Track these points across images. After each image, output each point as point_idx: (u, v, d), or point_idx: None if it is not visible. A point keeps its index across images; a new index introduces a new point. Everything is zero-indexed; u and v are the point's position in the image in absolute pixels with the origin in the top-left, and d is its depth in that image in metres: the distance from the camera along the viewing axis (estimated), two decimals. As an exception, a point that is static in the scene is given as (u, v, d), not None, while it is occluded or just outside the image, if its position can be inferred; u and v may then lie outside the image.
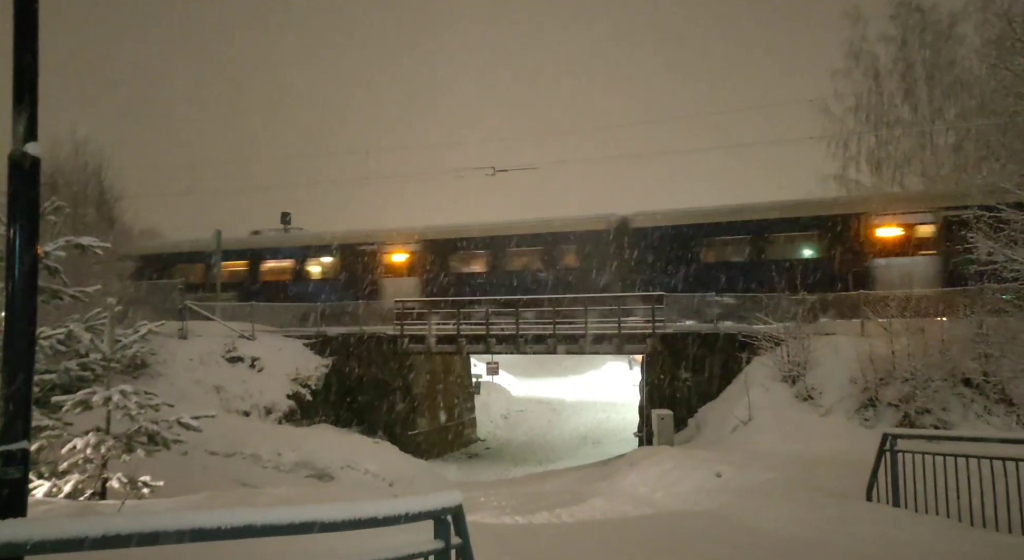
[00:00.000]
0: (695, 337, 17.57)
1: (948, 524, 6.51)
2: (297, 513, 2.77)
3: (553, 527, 7.59)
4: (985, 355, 13.48)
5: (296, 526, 2.73)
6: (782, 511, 7.49)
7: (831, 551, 5.90)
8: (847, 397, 14.53)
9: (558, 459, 19.72)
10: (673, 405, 16.80)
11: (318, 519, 2.81)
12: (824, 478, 9.85)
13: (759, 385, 15.24)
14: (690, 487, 9.11)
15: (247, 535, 2.58)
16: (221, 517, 2.52)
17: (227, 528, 2.51)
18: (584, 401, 31.20)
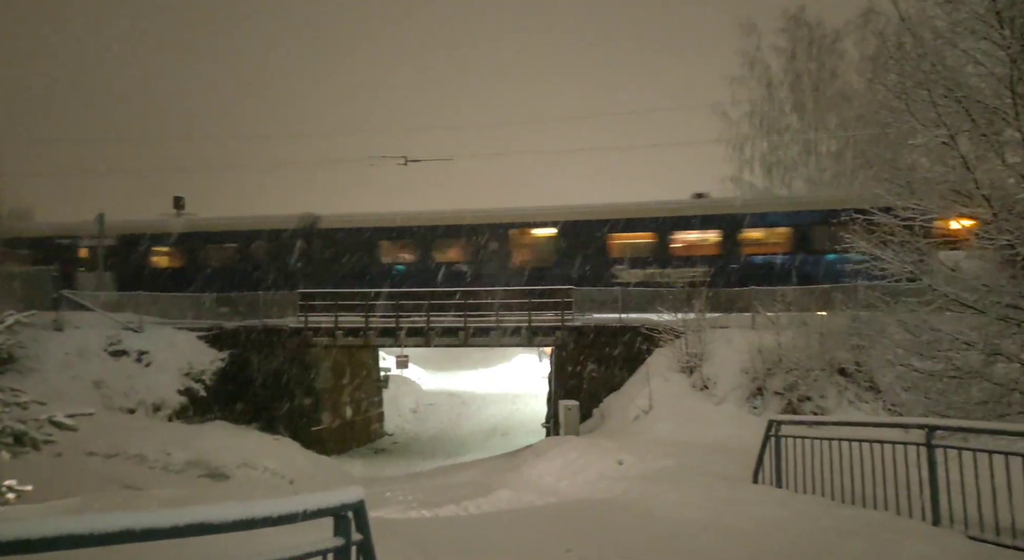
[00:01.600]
0: (602, 329, 18.10)
1: (823, 502, 7.07)
2: (183, 515, 2.59)
3: (460, 519, 7.64)
4: (858, 346, 14.67)
5: (181, 529, 2.54)
6: (677, 496, 7.88)
7: (719, 532, 6.28)
8: (739, 386, 15.43)
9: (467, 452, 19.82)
10: (580, 396, 17.25)
11: (207, 520, 2.64)
12: (716, 463, 10.43)
13: (659, 376, 15.91)
14: (594, 475, 9.41)
15: (125, 540, 2.38)
16: (93, 522, 2.31)
17: (101, 534, 2.30)
18: (494, 393, 31.46)
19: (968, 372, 8.88)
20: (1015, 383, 8.52)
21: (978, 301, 8.69)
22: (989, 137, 8.49)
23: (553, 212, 20.74)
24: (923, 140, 8.78)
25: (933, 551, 5.18)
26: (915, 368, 9.49)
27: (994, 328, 8.69)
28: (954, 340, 8.94)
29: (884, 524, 6.05)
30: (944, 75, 8.37)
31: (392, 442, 23.22)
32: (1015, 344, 8.64)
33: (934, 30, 8.68)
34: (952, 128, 8.53)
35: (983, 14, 8.17)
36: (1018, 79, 7.99)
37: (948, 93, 8.40)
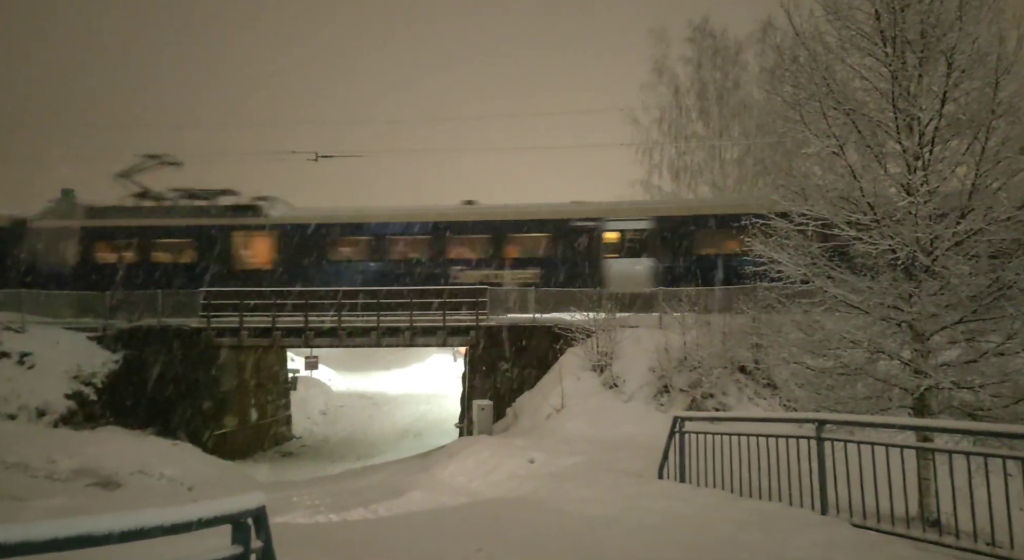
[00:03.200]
0: (516, 329, 18.20)
1: (723, 495, 7.36)
2: (65, 527, 2.37)
3: (369, 522, 7.45)
4: (757, 346, 15.45)
5: (62, 542, 2.34)
6: (586, 492, 8.01)
7: (625, 527, 6.40)
8: (647, 384, 15.91)
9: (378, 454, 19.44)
10: (494, 395, 17.28)
11: (92, 532, 2.44)
12: (625, 459, 10.70)
13: (572, 374, 16.18)
14: (505, 474, 9.42)
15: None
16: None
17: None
18: (408, 394, 31.06)
19: (854, 369, 9.45)
20: (895, 379, 9.15)
21: (863, 303, 9.29)
22: (873, 148, 9.09)
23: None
24: (815, 149, 9.29)
25: (821, 539, 5.47)
26: (808, 366, 10.01)
27: (877, 328, 9.30)
28: (842, 339, 9.49)
29: (778, 515, 6.35)
30: (834, 88, 8.89)
31: (300, 445, 22.48)
32: (895, 343, 9.29)
33: (825, 45, 9.20)
34: (841, 139, 9.07)
35: (868, 32, 8.75)
36: (899, 94, 8.59)
37: (837, 105, 8.94)
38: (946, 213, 8.66)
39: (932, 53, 8.38)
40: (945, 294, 8.71)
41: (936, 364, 8.75)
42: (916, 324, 8.90)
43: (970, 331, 8.73)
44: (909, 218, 8.77)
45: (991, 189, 8.32)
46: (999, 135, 8.16)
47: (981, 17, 8.16)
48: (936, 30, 8.24)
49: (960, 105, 8.48)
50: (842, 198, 9.46)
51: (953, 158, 8.73)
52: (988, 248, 8.49)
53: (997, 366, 8.41)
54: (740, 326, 16.33)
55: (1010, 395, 8.26)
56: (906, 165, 8.95)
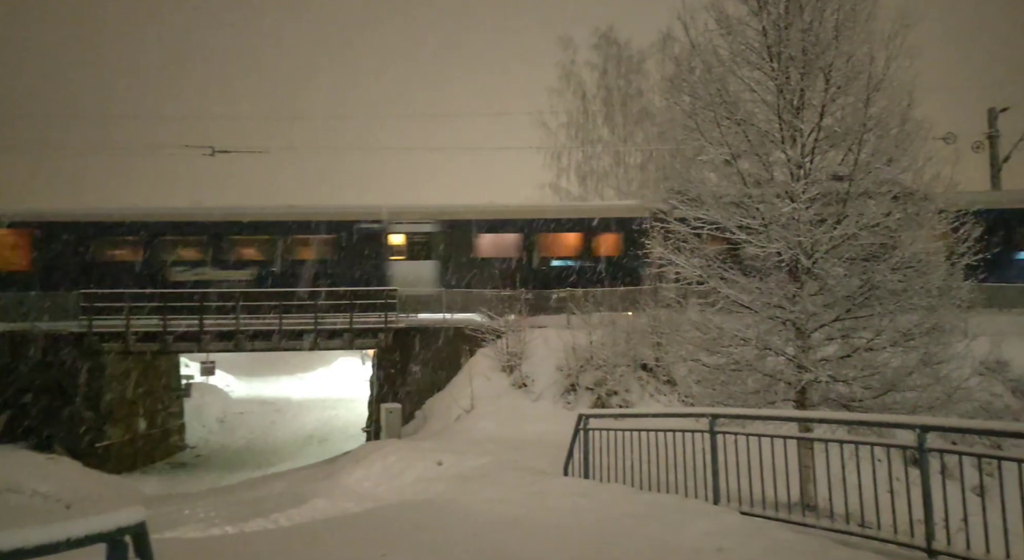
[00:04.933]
0: (426, 330, 18.03)
1: (625, 489, 7.59)
2: None
3: (267, 533, 7.16)
4: (657, 344, 16.05)
5: None
6: (493, 492, 8.03)
7: (530, 525, 6.48)
8: (555, 383, 16.20)
9: (281, 461, 18.72)
10: (403, 398, 17.03)
11: None
12: (533, 458, 10.82)
13: (482, 375, 16.23)
14: (413, 478, 9.31)
15: None
16: None
17: None
18: (313, 399, 30.11)
19: (745, 365, 9.99)
20: (781, 374, 9.75)
21: (753, 302, 9.84)
22: (762, 157, 9.66)
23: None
24: (710, 157, 9.77)
25: (712, 527, 5.75)
26: (703, 362, 10.50)
27: (765, 326, 9.88)
28: (734, 337, 10.02)
29: (674, 506, 6.62)
30: (726, 99, 9.38)
31: (195, 455, 21.27)
32: (781, 340, 9.90)
33: (719, 58, 9.69)
34: (733, 148, 9.59)
35: (757, 47, 9.30)
36: (783, 107, 9.18)
37: (730, 116, 9.44)
38: (824, 219, 9.32)
39: (812, 69, 9.00)
40: (823, 294, 9.38)
41: (816, 359, 9.40)
42: (799, 322, 9.52)
43: (845, 328, 9.43)
44: (793, 223, 9.37)
45: (863, 197, 9.03)
46: (869, 147, 8.88)
47: (854, 37, 8.84)
48: (816, 48, 8.86)
49: (836, 119, 9.16)
50: (734, 204, 9.98)
51: (831, 168, 9.41)
52: (860, 252, 9.22)
53: (867, 360, 9.13)
54: (643, 326, 16.92)
55: (879, 387, 8.99)
56: (790, 174, 9.57)
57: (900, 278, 8.88)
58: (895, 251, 8.90)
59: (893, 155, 8.85)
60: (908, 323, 8.93)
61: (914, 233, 8.85)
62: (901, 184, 9.07)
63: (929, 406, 8.81)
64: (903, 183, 9.08)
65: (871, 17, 8.90)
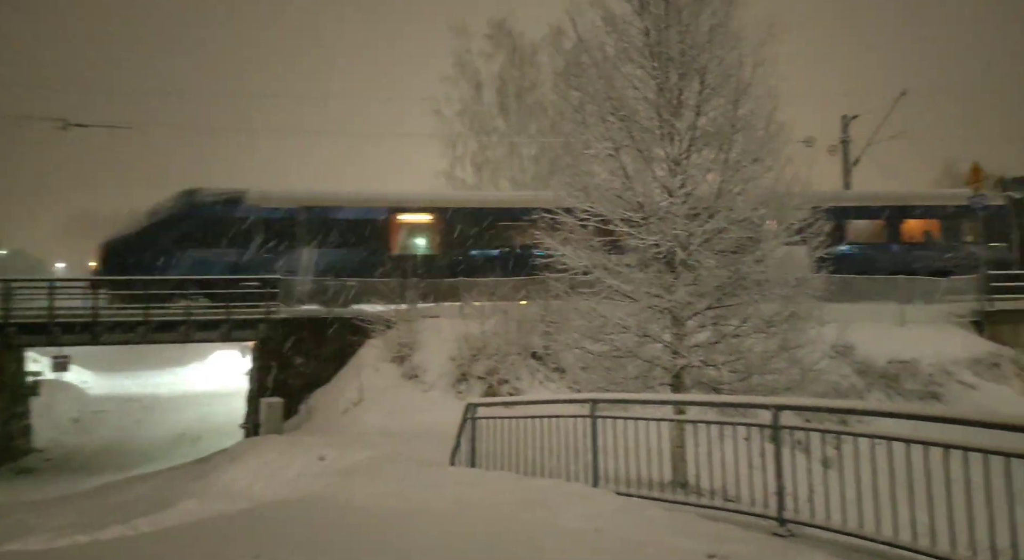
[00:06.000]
0: (311, 322, 17.42)
1: (510, 477, 7.72)
2: None
3: (127, 540, 6.67)
4: (547, 333, 16.40)
5: None
6: (378, 486, 7.93)
7: (415, 516, 6.45)
8: (446, 373, 16.17)
9: (147, 463, 17.46)
10: (286, 392, 16.37)
11: None
12: (422, 449, 10.75)
13: (370, 367, 15.92)
14: (293, 474, 9.01)
15: None
16: None
17: None
18: (185, 395, 28.28)
19: (626, 352, 10.45)
20: (658, 359, 10.28)
21: (633, 292, 10.29)
22: (643, 153, 10.08)
23: None
24: (595, 151, 10.07)
25: (590, 509, 5.97)
26: (588, 350, 10.86)
27: (645, 315, 10.36)
28: (616, 325, 10.44)
29: (556, 490, 6.81)
30: (611, 95, 9.70)
31: (44, 459, 19.35)
32: (659, 327, 10.42)
33: (605, 55, 10.00)
34: (617, 142, 9.94)
35: (640, 46, 9.67)
36: (663, 105, 9.62)
37: (614, 111, 9.77)
38: (699, 213, 9.88)
39: (689, 70, 9.48)
40: (697, 284, 9.96)
41: (689, 345, 9.98)
42: (675, 311, 10.06)
43: (715, 316, 10.07)
44: (670, 217, 9.87)
45: (732, 193, 9.66)
46: (738, 147, 9.49)
47: (726, 43, 9.39)
48: (692, 50, 9.34)
49: (710, 119, 9.72)
50: (618, 197, 10.36)
51: (705, 165, 9.98)
52: (730, 244, 9.87)
53: (734, 346, 9.80)
54: (533, 315, 17.23)
55: (744, 370, 9.69)
56: (668, 170, 10.05)
57: (763, 270, 9.58)
58: (760, 245, 9.58)
59: (759, 155, 9.51)
60: (770, 311, 9.66)
61: (776, 228, 9.54)
62: (766, 182, 9.77)
63: (787, 387, 9.59)
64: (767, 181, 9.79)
65: (741, 25, 9.48)
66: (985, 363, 17.06)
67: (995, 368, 17.01)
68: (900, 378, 16.14)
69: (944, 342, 17.31)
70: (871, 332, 16.47)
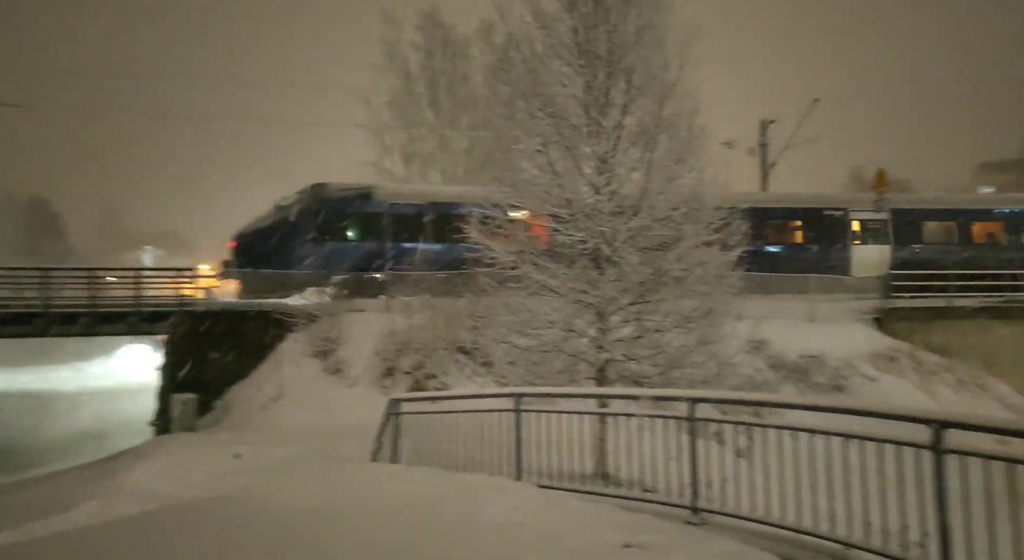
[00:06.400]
0: (229, 314, 16.76)
1: (433, 472, 7.65)
2: None
3: (18, 547, 6.21)
4: (475, 327, 16.38)
5: None
6: (297, 484, 7.71)
7: (332, 514, 6.29)
8: (371, 368, 15.91)
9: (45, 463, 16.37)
10: (200, 388, 15.69)
11: None
12: (344, 446, 10.54)
13: (292, 362, 15.48)
14: (205, 473, 8.66)
15: None
16: None
17: None
18: (90, 390, 26.67)
19: (552, 346, 10.54)
20: (583, 354, 10.42)
21: (560, 287, 10.39)
22: (571, 150, 10.18)
23: None
24: (524, 146, 10.09)
25: (511, 502, 5.99)
26: (515, 345, 10.90)
27: (570, 310, 10.49)
28: (542, 320, 10.52)
29: (478, 485, 6.80)
30: (540, 91, 9.74)
31: (-82, 464, 17.86)
32: (584, 322, 10.56)
33: (533, 50, 10.02)
34: (545, 138, 9.99)
35: (568, 44, 9.74)
36: (591, 104, 9.73)
37: (543, 108, 9.81)
38: (624, 211, 10.07)
39: (616, 70, 9.63)
40: (621, 280, 10.15)
41: (613, 340, 10.17)
42: (599, 306, 10.22)
43: (638, 312, 10.29)
44: (596, 214, 10.01)
45: (655, 192, 9.88)
46: (663, 147, 9.73)
47: (652, 44, 9.59)
48: (620, 50, 9.49)
49: (636, 118, 9.90)
50: (546, 193, 10.43)
51: (630, 164, 10.17)
52: (653, 242, 10.10)
53: (655, 341, 10.05)
54: (461, 309, 17.15)
55: (664, 364, 9.95)
56: (595, 167, 10.18)
57: (684, 267, 9.87)
58: (680, 242, 9.86)
59: (681, 155, 9.77)
60: (689, 307, 9.96)
61: (696, 227, 9.82)
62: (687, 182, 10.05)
63: (705, 380, 9.91)
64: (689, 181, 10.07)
65: (666, 27, 9.69)
66: (885, 357, 18.22)
67: (893, 362, 18.20)
68: (809, 371, 17.03)
69: (849, 338, 18.38)
70: (784, 328, 17.31)
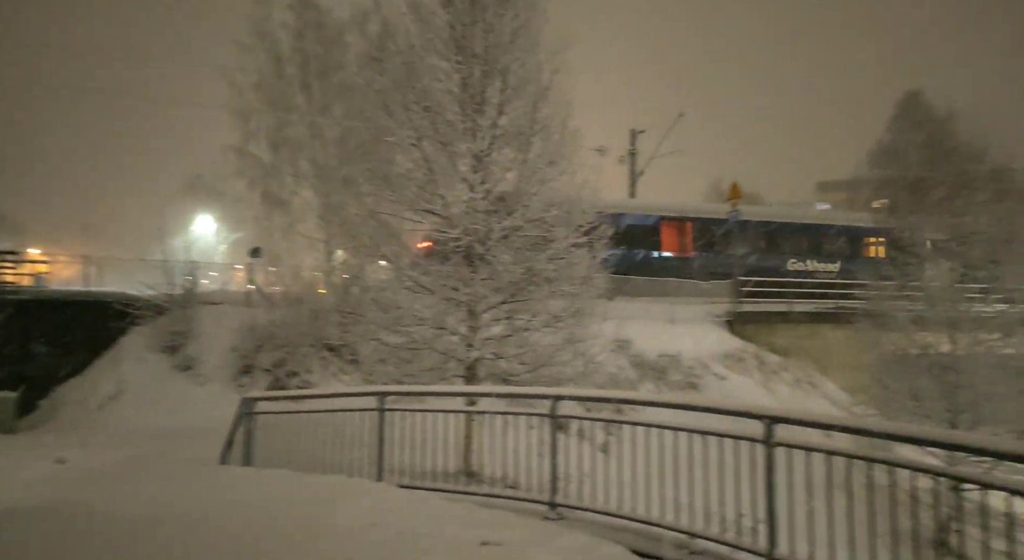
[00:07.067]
0: (60, 303, 15.06)
1: (287, 474, 7.24)
2: None
3: None
4: (343, 323, 15.84)
5: None
6: (131, 489, 7.04)
7: (174, 521, 5.79)
8: (227, 365, 14.93)
9: None
10: (23, 385, 13.96)
11: None
12: (191, 448, 9.81)
13: (135, 357, 14.20)
14: (22, 480, 7.69)
15: None
16: None
17: None
18: None
19: (423, 343, 10.39)
20: (453, 352, 10.36)
21: (431, 284, 10.27)
22: (447, 146, 10.07)
23: None
24: (397, 139, 9.86)
25: (370, 504, 5.80)
26: (385, 342, 10.64)
27: (441, 307, 10.39)
28: (413, 317, 10.35)
29: (337, 486, 6.53)
30: (415, 84, 9.55)
31: None
32: (455, 320, 10.50)
33: (409, 43, 9.82)
34: (420, 132, 9.82)
35: (444, 38, 9.63)
36: (467, 101, 9.68)
37: (418, 101, 9.63)
38: (497, 209, 10.12)
39: (493, 69, 9.65)
40: (493, 279, 10.20)
41: (483, 338, 10.19)
42: (471, 304, 10.21)
43: (509, 311, 10.40)
44: (471, 212, 9.98)
45: (529, 193, 10.02)
46: (536, 149, 9.87)
47: (527, 46, 9.71)
48: (496, 49, 9.51)
49: (511, 119, 9.97)
50: (420, 188, 10.25)
51: (505, 163, 10.24)
52: (525, 242, 10.23)
53: (525, 339, 10.20)
54: (330, 305, 16.52)
55: (533, 362, 10.12)
56: (471, 165, 10.15)
57: (554, 268, 10.08)
58: (552, 244, 10.06)
59: (554, 158, 9.97)
60: (558, 307, 10.19)
61: (567, 229, 10.07)
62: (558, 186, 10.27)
63: (571, 378, 10.19)
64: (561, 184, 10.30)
65: (541, 31, 9.84)
66: (734, 357, 19.74)
67: (741, 362, 19.75)
68: (667, 370, 18.06)
69: (703, 338, 19.72)
70: (646, 329, 18.25)
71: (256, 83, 20.55)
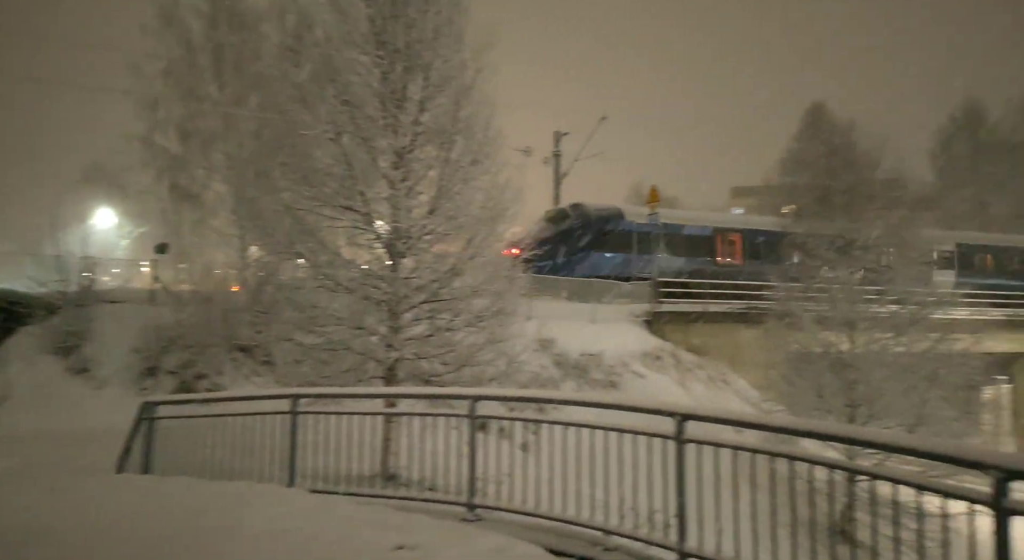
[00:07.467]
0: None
1: (190, 482, 6.86)
2: None
3: None
4: (255, 323, 15.23)
5: None
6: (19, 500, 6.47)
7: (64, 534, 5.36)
8: (128, 367, 14.08)
9: None
10: None
11: None
12: (84, 456, 9.23)
13: (23, 359, 13.17)
14: None
15: None
16: None
17: None
18: None
19: (340, 344, 10.10)
20: (372, 352, 10.12)
21: (350, 282, 10.00)
22: (367, 141, 9.83)
23: None
24: (314, 133, 9.53)
25: (279, 510, 5.56)
26: (300, 342, 10.27)
27: (360, 306, 10.14)
28: (330, 316, 10.05)
29: (244, 493, 6.22)
30: (334, 77, 9.27)
31: None
32: (375, 319, 10.27)
33: (327, 35, 9.53)
34: (339, 127, 9.54)
35: (365, 32, 9.40)
36: (387, 96, 9.48)
37: (337, 95, 9.35)
38: (420, 207, 9.97)
39: (414, 65, 9.49)
40: (415, 277, 10.04)
41: (404, 338, 10.01)
42: (391, 304, 10.00)
43: (431, 310, 10.26)
44: (392, 209, 9.79)
45: (452, 192, 9.92)
46: (459, 147, 9.79)
47: (451, 44, 9.61)
48: (418, 45, 9.37)
49: (434, 116, 9.84)
50: (340, 184, 9.96)
51: (427, 161, 10.09)
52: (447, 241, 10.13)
53: (447, 339, 10.09)
54: (242, 304, 15.86)
55: (455, 362, 10.02)
56: (392, 162, 9.94)
57: (476, 267, 10.03)
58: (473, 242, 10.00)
59: (477, 157, 9.91)
60: (480, 307, 10.14)
61: (487, 228, 10.02)
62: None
63: (493, 378, 10.15)
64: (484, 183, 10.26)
65: (464, 29, 9.77)
66: (652, 356, 20.29)
67: (659, 360, 20.34)
68: (589, 369, 18.35)
69: (624, 338, 20.17)
70: (568, 328, 18.48)
71: (164, 70, 19.43)
